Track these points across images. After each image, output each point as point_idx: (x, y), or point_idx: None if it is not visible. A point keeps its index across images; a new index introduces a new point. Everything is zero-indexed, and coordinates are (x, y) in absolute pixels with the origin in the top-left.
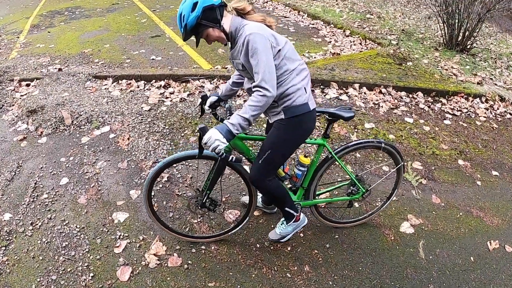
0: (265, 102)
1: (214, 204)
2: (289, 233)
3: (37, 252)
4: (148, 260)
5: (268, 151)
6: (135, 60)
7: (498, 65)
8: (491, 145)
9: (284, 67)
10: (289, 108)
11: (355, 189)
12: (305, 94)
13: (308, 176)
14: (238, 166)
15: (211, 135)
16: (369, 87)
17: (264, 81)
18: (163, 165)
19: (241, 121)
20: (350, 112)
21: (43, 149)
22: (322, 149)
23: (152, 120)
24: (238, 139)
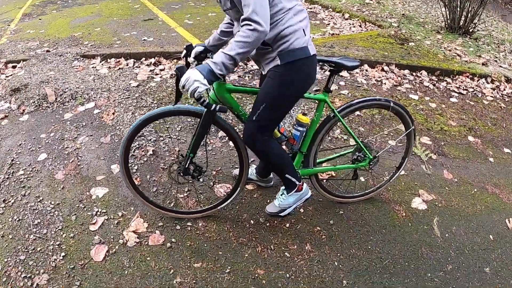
0: (255, 38)
1: (198, 171)
2: (290, 205)
3: (7, 231)
4: (126, 238)
5: (263, 104)
6: (126, 41)
7: (501, 49)
8: (500, 124)
9: (279, 4)
10: (285, 52)
11: (361, 156)
12: (304, 36)
13: (307, 139)
14: (225, 124)
15: (190, 76)
16: (370, 64)
17: (255, 13)
18: (141, 122)
19: (225, 60)
20: (355, 61)
21: (24, 126)
22: (323, 106)
23: (140, 96)
24: (226, 90)
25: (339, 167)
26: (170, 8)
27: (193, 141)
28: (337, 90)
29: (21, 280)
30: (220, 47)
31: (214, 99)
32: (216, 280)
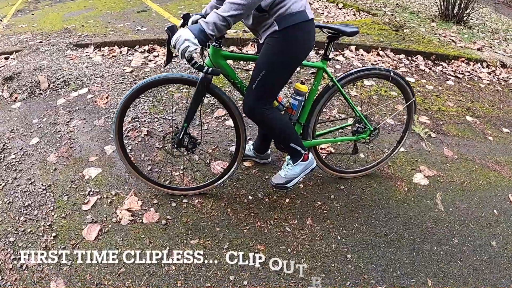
0: (250, 1)
1: (192, 143)
2: (296, 175)
3: None
4: (120, 217)
5: (262, 72)
6: (120, 32)
7: (495, 37)
8: (498, 105)
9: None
10: (283, 16)
11: (362, 127)
12: (301, 0)
13: (306, 109)
14: (221, 93)
15: (180, 35)
16: (366, 49)
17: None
18: (136, 90)
19: (217, 20)
20: (354, 27)
21: (16, 113)
22: (321, 74)
23: (134, 81)
24: (221, 57)
25: (339, 139)
26: (163, 0)
27: (188, 111)
28: (333, 73)
29: (10, 262)
30: None
31: (210, 66)
32: (214, 256)
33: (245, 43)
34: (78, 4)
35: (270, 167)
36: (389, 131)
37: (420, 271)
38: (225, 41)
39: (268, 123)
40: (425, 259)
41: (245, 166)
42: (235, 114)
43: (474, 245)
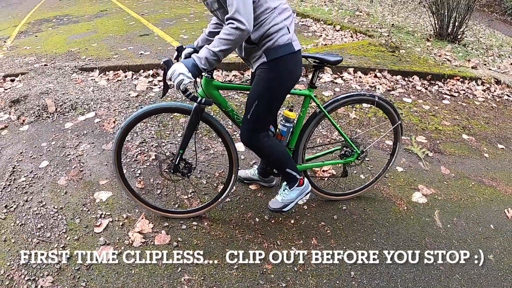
0: (238, 37)
1: (188, 168)
2: (293, 199)
3: (9, 235)
4: (132, 239)
5: (255, 102)
6: (123, 55)
7: (489, 54)
8: (493, 122)
9: (264, 4)
10: (271, 49)
11: (349, 151)
12: (288, 34)
13: (295, 135)
14: (213, 121)
15: (175, 69)
16: (363, 71)
17: (238, 13)
18: (131, 121)
19: (208, 55)
20: (337, 56)
21: (24, 136)
22: (308, 101)
23: (139, 105)
24: (213, 87)
25: (327, 162)
26: (165, 24)
27: (183, 138)
28: (332, 96)
29: (24, 283)
30: None
31: (203, 95)
32: (224, 276)
33: (246, 67)
34: (81, 27)
35: (275, 190)
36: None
37: (420, 286)
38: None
39: (264, 150)
40: (425, 274)
41: (251, 189)
42: (226, 140)
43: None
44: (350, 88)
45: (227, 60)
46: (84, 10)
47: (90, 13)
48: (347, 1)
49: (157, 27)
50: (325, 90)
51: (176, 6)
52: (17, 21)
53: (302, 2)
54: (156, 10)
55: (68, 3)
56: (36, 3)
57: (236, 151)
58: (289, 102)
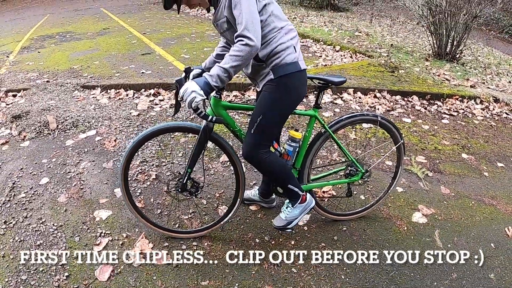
0: (248, 53)
1: (196, 187)
2: (296, 216)
3: (8, 251)
4: (132, 258)
5: (260, 116)
6: (125, 74)
7: (488, 72)
8: (492, 141)
9: (271, 24)
10: (278, 66)
11: (354, 170)
12: (295, 53)
13: (300, 155)
14: (221, 140)
15: (188, 87)
16: (363, 91)
17: (246, 30)
18: (141, 139)
19: (220, 72)
20: (341, 77)
21: (25, 152)
22: (314, 121)
23: (140, 124)
24: (222, 107)
25: (332, 182)
26: (166, 43)
27: (191, 157)
28: (332, 117)
29: None
30: None
31: (212, 115)
32: None
33: (247, 88)
34: (84, 44)
35: (276, 211)
36: (385, 172)
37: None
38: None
39: (266, 166)
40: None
41: (251, 210)
42: (234, 160)
43: (473, 278)
44: (350, 108)
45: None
46: (87, 27)
47: (93, 31)
48: (346, 21)
49: (159, 46)
50: (325, 111)
51: (178, 26)
52: (20, 36)
53: (302, 23)
54: (158, 29)
55: (71, 20)
56: (39, 19)
57: (243, 170)
58: (291, 122)
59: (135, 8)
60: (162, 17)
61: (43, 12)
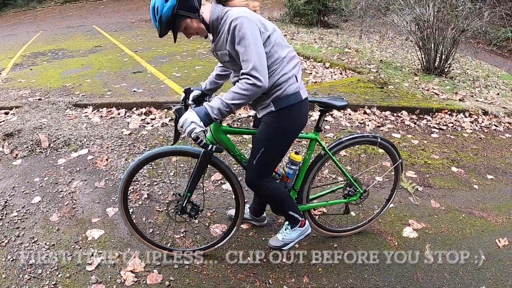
0: (254, 93)
1: (195, 210)
2: (293, 239)
3: (0, 270)
4: (124, 278)
5: (261, 149)
6: (117, 92)
7: (476, 85)
8: (481, 153)
9: (275, 55)
10: (279, 98)
11: (352, 190)
12: (296, 82)
13: (300, 176)
14: (222, 164)
15: (187, 117)
16: (353, 108)
17: (255, 70)
18: (142, 161)
19: (221, 106)
20: (343, 101)
21: (17, 170)
22: (314, 144)
23: (132, 143)
24: (222, 132)
25: (331, 202)
26: (158, 61)
27: (191, 181)
28: (322, 134)
29: None
30: (216, 91)
31: (211, 140)
32: None
33: None
34: (76, 62)
35: (267, 228)
36: (379, 188)
37: None
38: None
39: (268, 194)
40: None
41: (242, 228)
42: (234, 183)
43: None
44: (339, 125)
45: None
46: (79, 45)
47: (85, 48)
48: (336, 38)
49: (150, 64)
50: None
51: (169, 44)
52: (13, 53)
53: (292, 40)
54: (149, 47)
55: (63, 37)
56: (31, 36)
57: (243, 192)
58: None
59: (127, 25)
60: (153, 35)
61: (36, 29)
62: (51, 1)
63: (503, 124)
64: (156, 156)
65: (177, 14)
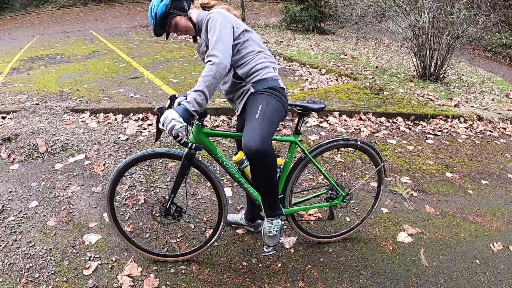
0: (216, 71)
1: (179, 211)
2: (280, 226)
3: None
4: (121, 282)
5: (260, 105)
6: (114, 98)
7: (471, 91)
8: (476, 158)
9: (250, 47)
10: (258, 81)
11: (334, 194)
12: (274, 72)
13: (281, 180)
14: (203, 166)
15: (167, 115)
16: (348, 114)
17: (214, 49)
18: (124, 166)
19: (196, 96)
20: (320, 103)
21: (14, 174)
22: (294, 147)
23: (129, 149)
24: (204, 134)
25: (314, 206)
26: (155, 67)
27: (174, 183)
28: (317, 140)
29: None
30: None
31: (193, 141)
32: None
33: (234, 113)
34: (73, 67)
35: None
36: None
37: None
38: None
39: (268, 165)
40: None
41: (238, 233)
42: (216, 185)
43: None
44: (335, 131)
45: (215, 105)
46: (76, 50)
47: (82, 53)
48: (332, 44)
49: (147, 70)
50: (311, 134)
51: (166, 50)
52: (10, 57)
53: (289, 47)
54: (146, 53)
55: (61, 42)
56: (29, 40)
57: (226, 197)
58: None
59: (124, 31)
60: (150, 40)
61: (33, 33)
62: (49, 6)
63: (498, 130)
64: (137, 160)
65: (169, 12)
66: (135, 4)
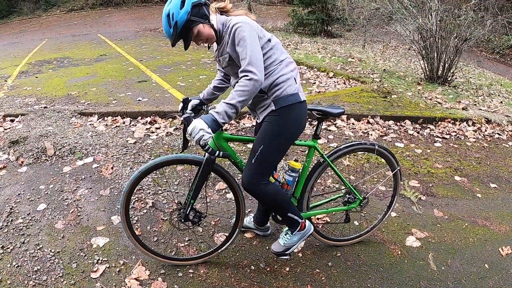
0: (252, 87)
1: (198, 217)
2: (295, 243)
3: (5, 276)
4: (128, 285)
5: (261, 146)
6: (122, 101)
7: (479, 94)
8: (484, 162)
9: (273, 56)
10: (279, 98)
11: (352, 197)
12: (295, 84)
13: (300, 184)
14: (223, 171)
15: (196, 125)
16: (356, 117)
17: (250, 65)
18: (145, 170)
19: (227, 109)
20: (339, 108)
21: (23, 177)
22: (313, 152)
23: (137, 152)
24: (223, 139)
25: (331, 209)
26: (162, 71)
27: (194, 188)
28: (326, 143)
29: None
30: (213, 101)
31: (213, 147)
32: None
33: (242, 116)
34: (81, 70)
35: (270, 238)
36: (381, 198)
37: None
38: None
39: (265, 196)
40: None
41: (246, 237)
42: (235, 189)
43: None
44: (343, 135)
45: None
46: (84, 53)
47: (90, 57)
48: (340, 47)
49: (155, 73)
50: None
51: (174, 53)
52: (18, 61)
53: (296, 50)
54: (154, 56)
55: (69, 46)
56: (37, 44)
57: (244, 198)
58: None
59: (131, 35)
60: (158, 44)
61: (41, 37)
62: (57, 10)
63: (506, 133)
64: (159, 165)
65: (191, 19)
66: (142, 8)
